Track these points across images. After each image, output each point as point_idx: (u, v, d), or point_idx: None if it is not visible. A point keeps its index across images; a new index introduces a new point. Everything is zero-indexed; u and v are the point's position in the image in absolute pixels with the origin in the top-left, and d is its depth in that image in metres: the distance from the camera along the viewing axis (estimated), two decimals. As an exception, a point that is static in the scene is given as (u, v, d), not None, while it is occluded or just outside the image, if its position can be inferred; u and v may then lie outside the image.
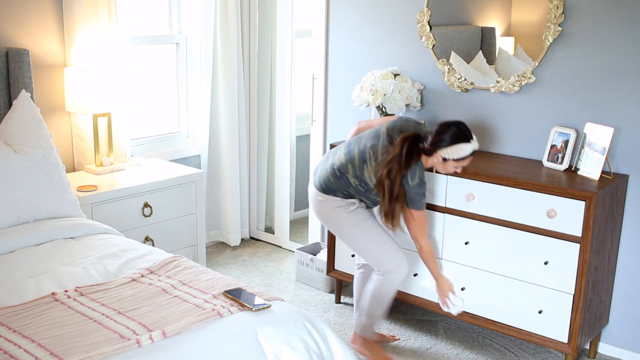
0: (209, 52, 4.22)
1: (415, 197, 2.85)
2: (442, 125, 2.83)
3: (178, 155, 4.28)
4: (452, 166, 2.86)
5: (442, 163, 2.85)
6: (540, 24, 3.21)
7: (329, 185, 3.00)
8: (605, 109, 3.10)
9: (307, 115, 4.60)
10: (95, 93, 3.47)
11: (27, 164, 2.93)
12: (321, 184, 3.03)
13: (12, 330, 2.09)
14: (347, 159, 2.96)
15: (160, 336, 2.06)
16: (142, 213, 3.57)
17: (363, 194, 2.98)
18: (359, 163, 2.93)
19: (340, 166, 2.97)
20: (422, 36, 3.59)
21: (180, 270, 2.57)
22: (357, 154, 2.95)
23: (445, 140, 2.79)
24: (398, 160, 2.80)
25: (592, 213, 2.80)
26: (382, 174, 2.83)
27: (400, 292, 3.44)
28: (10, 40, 3.40)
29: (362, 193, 2.97)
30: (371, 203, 3.03)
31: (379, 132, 2.96)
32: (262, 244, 4.68)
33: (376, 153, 2.90)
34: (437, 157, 2.83)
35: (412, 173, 2.82)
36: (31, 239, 2.79)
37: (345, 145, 3.04)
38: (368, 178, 2.92)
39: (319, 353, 2.23)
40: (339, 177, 2.97)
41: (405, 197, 2.84)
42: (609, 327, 3.28)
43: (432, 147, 2.82)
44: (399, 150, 2.81)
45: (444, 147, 2.80)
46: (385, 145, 2.90)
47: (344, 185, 2.97)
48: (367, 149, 2.93)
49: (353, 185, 2.96)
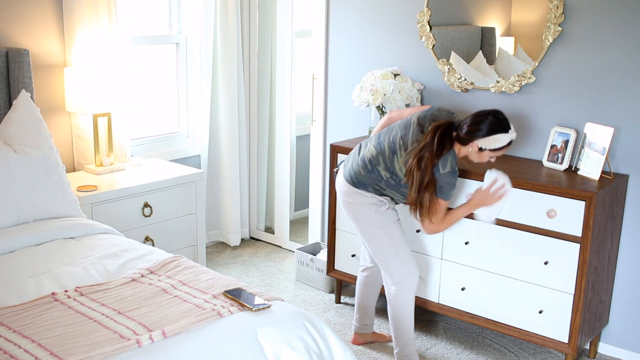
0: (209, 52, 4.22)
1: (445, 187, 2.78)
2: (478, 114, 2.75)
3: (178, 155, 4.28)
4: (488, 156, 2.79)
5: (477, 153, 2.78)
6: (540, 24, 3.21)
7: (360, 178, 2.93)
8: (605, 109, 3.10)
9: (307, 115, 4.60)
10: (95, 93, 3.47)
11: (27, 164, 2.93)
12: (352, 177, 2.96)
13: (12, 330, 2.09)
14: (378, 150, 2.89)
15: (160, 336, 2.06)
16: (142, 213, 3.57)
17: (394, 187, 2.90)
18: (389, 154, 2.86)
19: (371, 158, 2.90)
20: (422, 36, 3.59)
21: (180, 270, 2.57)
22: (387, 145, 2.88)
23: (482, 129, 2.71)
24: (430, 149, 2.72)
25: (592, 213, 2.80)
26: (413, 163, 2.75)
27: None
28: (10, 40, 3.40)
29: (393, 186, 2.90)
30: (402, 197, 2.95)
31: (409, 122, 2.89)
32: (262, 244, 4.68)
33: (406, 143, 2.83)
34: (473, 146, 2.75)
35: (444, 161, 2.74)
36: (31, 239, 2.79)
37: (376, 137, 2.97)
38: (399, 170, 2.85)
39: (319, 353, 2.23)
40: (370, 170, 2.90)
41: (435, 187, 2.77)
42: (609, 327, 3.28)
43: (468, 136, 2.73)
44: (430, 138, 2.74)
45: (481, 136, 2.72)
46: (416, 135, 2.82)
47: (375, 178, 2.90)
48: (397, 139, 2.86)
49: (384, 178, 2.89)
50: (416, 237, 3.32)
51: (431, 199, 2.79)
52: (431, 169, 2.73)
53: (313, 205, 4.30)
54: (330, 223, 3.67)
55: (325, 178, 4.20)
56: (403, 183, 2.86)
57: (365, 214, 2.95)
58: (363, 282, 3.28)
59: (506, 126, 2.74)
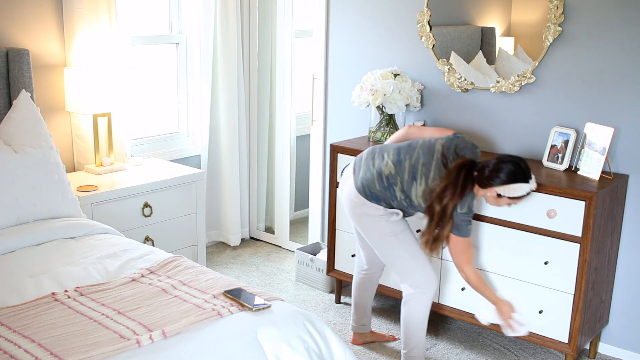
0: (209, 52, 4.22)
1: (461, 224, 2.75)
2: (500, 160, 2.71)
3: (178, 155, 4.28)
4: (505, 202, 2.74)
5: (495, 198, 2.74)
6: (540, 24, 3.21)
7: (373, 191, 2.87)
8: (605, 109, 3.10)
9: (307, 115, 4.60)
10: (95, 93, 3.47)
11: (27, 164, 2.93)
12: (364, 188, 2.89)
13: (12, 330, 2.09)
14: (397, 170, 2.83)
15: (160, 336, 2.06)
16: (142, 213, 3.57)
17: (405, 208, 2.89)
18: (408, 178, 2.82)
19: (389, 176, 2.84)
20: (422, 36, 3.59)
21: (180, 270, 2.57)
22: (407, 167, 2.82)
23: (503, 177, 2.67)
24: (452, 190, 2.68)
25: (592, 213, 2.80)
26: (435, 200, 2.71)
27: (400, 292, 3.44)
28: (10, 40, 3.40)
29: (405, 207, 2.88)
30: (408, 215, 2.95)
31: (433, 148, 2.82)
32: (262, 244, 4.68)
33: (428, 172, 2.79)
34: (492, 192, 2.71)
35: (463, 202, 2.71)
36: (31, 239, 2.79)
37: (395, 152, 2.88)
38: (414, 196, 2.82)
39: (319, 353, 2.23)
40: (387, 188, 2.85)
41: (452, 225, 2.74)
42: (609, 327, 3.28)
43: (488, 181, 2.69)
44: (454, 177, 2.69)
45: (500, 184, 2.68)
46: (439, 167, 2.77)
47: (389, 196, 2.86)
48: (419, 165, 2.81)
49: (398, 199, 2.85)
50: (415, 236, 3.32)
51: (445, 236, 2.76)
52: (452, 210, 2.70)
53: (313, 205, 4.30)
54: (330, 223, 3.67)
55: (325, 178, 4.20)
56: (416, 205, 2.83)
57: (377, 225, 2.91)
58: (359, 282, 3.28)
59: (527, 176, 2.69)
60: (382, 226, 2.90)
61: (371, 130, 3.67)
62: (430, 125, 3.69)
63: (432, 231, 2.76)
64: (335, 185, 3.60)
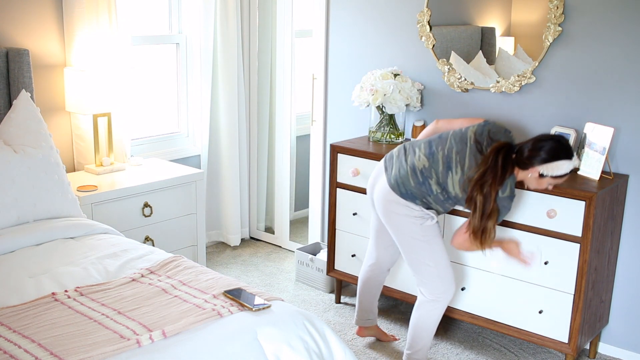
0: (209, 52, 4.22)
1: (502, 210, 2.67)
2: (540, 139, 2.64)
3: (178, 155, 4.28)
4: (547, 182, 2.66)
5: (537, 179, 2.65)
6: (540, 24, 3.21)
7: (409, 188, 2.79)
8: (605, 109, 3.10)
9: (307, 115, 4.60)
10: (95, 93, 3.47)
11: (27, 164, 2.93)
12: (399, 185, 2.81)
13: (12, 330, 2.09)
14: (431, 162, 2.76)
15: (160, 336, 2.06)
16: (142, 213, 3.57)
17: (441, 203, 2.81)
18: (443, 169, 2.74)
19: (423, 170, 2.77)
20: (422, 36, 3.59)
21: (180, 270, 2.57)
22: (441, 158, 2.75)
23: (544, 155, 2.59)
24: (493, 174, 2.59)
25: (592, 213, 2.80)
26: (475, 188, 2.63)
27: (401, 292, 3.45)
28: (10, 40, 3.40)
29: (441, 202, 2.80)
30: (443, 211, 2.88)
31: (465, 136, 2.75)
32: (262, 244, 4.68)
33: (463, 160, 2.71)
34: (534, 172, 2.63)
35: (504, 185, 2.63)
36: (31, 239, 2.79)
37: (426, 145, 2.82)
38: (451, 186, 2.74)
39: (319, 353, 2.23)
40: (422, 182, 2.77)
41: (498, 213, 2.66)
42: (609, 327, 3.28)
43: (529, 160, 2.61)
44: (492, 162, 2.61)
45: (542, 162, 2.59)
46: (474, 154, 2.70)
47: (424, 191, 2.78)
48: (452, 154, 2.73)
49: (434, 192, 2.77)
50: (416, 237, 3.32)
51: (493, 228, 2.67)
52: (495, 196, 2.61)
53: (313, 205, 4.30)
54: (330, 223, 3.67)
55: (325, 178, 4.20)
56: (453, 196, 2.76)
57: (410, 227, 2.84)
58: (365, 280, 3.24)
59: (570, 152, 2.61)
60: (415, 230, 2.84)
61: (371, 130, 3.67)
62: (430, 125, 3.69)
63: (477, 222, 2.66)
64: (335, 185, 3.60)
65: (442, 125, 2.97)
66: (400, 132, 3.65)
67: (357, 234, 3.56)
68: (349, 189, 3.55)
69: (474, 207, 2.66)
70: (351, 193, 3.54)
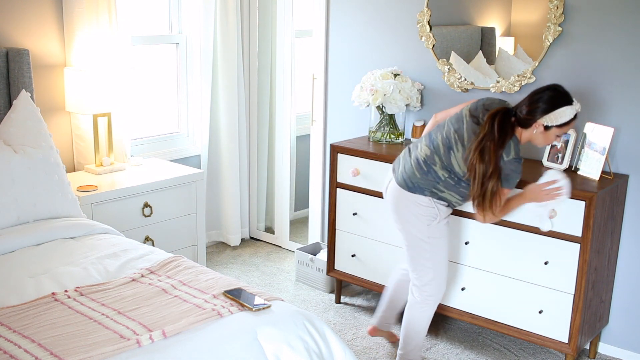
0: (209, 52, 4.22)
1: (511, 174, 2.61)
2: (536, 92, 2.61)
3: (178, 155, 4.28)
4: (554, 135, 2.63)
5: (543, 133, 2.61)
6: (540, 24, 3.21)
7: (415, 181, 2.78)
8: (605, 109, 3.10)
9: (307, 115, 4.60)
10: (95, 93, 3.47)
11: (27, 164, 2.93)
12: (405, 181, 2.81)
13: (12, 330, 2.09)
14: (431, 149, 2.74)
15: (160, 336, 2.06)
16: (142, 213, 3.57)
17: (453, 188, 2.75)
18: (444, 151, 2.71)
19: (425, 158, 2.75)
20: (422, 36, 3.59)
21: (180, 270, 2.57)
22: (440, 142, 2.73)
23: (543, 105, 2.55)
24: (491, 138, 2.55)
25: (592, 213, 2.80)
26: (474, 156, 2.58)
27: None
28: (10, 40, 3.40)
29: (452, 186, 2.75)
30: (461, 199, 2.81)
31: (461, 115, 2.74)
32: (262, 244, 4.68)
33: (462, 136, 2.68)
34: (538, 126, 2.59)
35: (507, 148, 2.58)
36: (31, 239, 2.79)
37: (426, 137, 2.83)
38: (457, 166, 2.70)
39: (319, 353, 2.23)
40: (427, 172, 2.75)
41: (499, 175, 2.60)
42: (609, 327, 3.28)
43: (530, 115, 2.56)
44: (489, 127, 2.57)
45: (543, 113, 2.56)
46: (472, 127, 2.66)
47: (432, 180, 2.75)
48: (450, 133, 2.71)
49: (442, 178, 2.74)
50: (416, 237, 3.32)
51: (496, 189, 2.61)
52: (495, 159, 2.56)
53: (313, 205, 4.30)
54: (330, 223, 3.67)
55: (325, 178, 4.20)
56: (465, 179, 2.71)
57: (417, 225, 2.83)
58: (398, 281, 3.17)
59: (569, 98, 2.59)
60: (422, 229, 2.82)
61: (371, 130, 3.67)
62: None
63: (477, 188, 2.61)
64: (335, 185, 3.60)
65: (441, 116, 2.96)
66: (400, 132, 3.65)
67: (357, 234, 3.56)
68: (349, 189, 3.55)
69: (474, 175, 2.62)
70: (351, 193, 3.54)
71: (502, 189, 2.66)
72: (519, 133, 2.66)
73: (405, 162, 2.85)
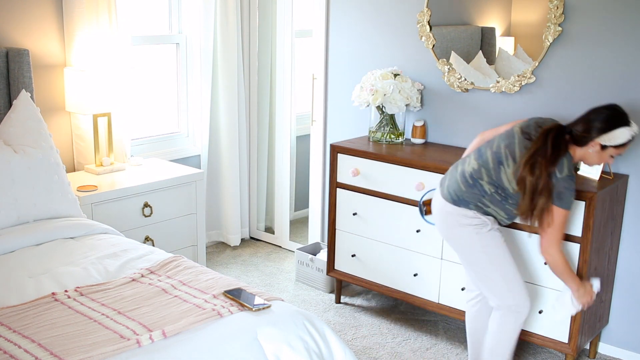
0: (209, 52, 4.22)
1: (565, 192, 2.52)
2: (593, 110, 2.57)
3: (178, 155, 4.28)
4: (609, 154, 2.57)
5: (598, 152, 2.55)
6: (540, 24, 3.21)
7: (461, 195, 2.70)
8: (605, 109, 3.10)
9: (307, 115, 4.60)
10: (95, 93, 3.47)
11: (27, 164, 2.93)
12: (451, 194, 2.73)
13: (12, 330, 2.09)
14: (480, 163, 2.67)
15: (160, 336, 2.06)
16: (142, 213, 3.57)
17: (499, 204, 2.68)
18: (493, 165, 2.64)
19: (472, 172, 2.68)
20: (422, 36, 3.59)
21: (180, 270, 2.57)
22: (490, 156, 2.66)
23: (600, 125, 2.51)
24: (543, 153, 2.50)
25: (592, 213, 2.80)
26: (525, 170, 2.52)
27: (400, 292, 3.45)
28: (10, 40, 3.40)
29: (498, 202, 2.67)
30: (506, 217, 2.73)
31: (511, 132, 2.67)
32: (262, 244, 4.68)
33: (513, 152, 2.61)
34: (594, 145, 2.53)
35: (560, 166, 2.51)
36: (31, 239, 2.79)
37: (475, 152, 2.76)
38: (506, 181, 2.62)
39: (319, 353, 2.23)
40: (472, 185, 2.68)
41: (551, 192, 2.52)
42: (609, 327, 3.28)
43: (587, 134, 2.51)
44: (541, 142, 2.52)
45: (600, 132, 2.51)
46: (523, 142, 2.59)
47: (478, 194, 2.67)
48: (501, 149, 2.64)
49: (488, 193, 2.66)
50: (415, 236, 3.32)
51: (546, 205, 2.53)
52: (547, 175, 2.50)
53: (313, 205, 4.30)
54: (330, 223, 3.67)
55: (325, 178, 4.20)
56: (513, 194, 2.63)
57: (467, 238, 2.72)
58: (474, 317, 2.96)
59: (626, 120, 2.54)
60: (473, 239, 2.72)
61: (371, 130, 3.67)
62: (431, 124, 3.69)
63: (527, 202, 2.54)
64: (335, 185, 3.60)
65: (488, 134, 2.90)
66: (400, 132, 3.65)
67: (357, 234, 3.56)
68: (349, 189, 3.55)
69: (523, 189, 2.55)
70: (351, 193, 3.54)
71: (557, 208, 2.56)
72: (572, 151, 2.59)
73: (452, 177, 2.78)
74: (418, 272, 3.35)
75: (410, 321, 3.58)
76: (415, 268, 3.36)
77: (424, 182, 3.24)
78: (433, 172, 3.20)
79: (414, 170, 3.27)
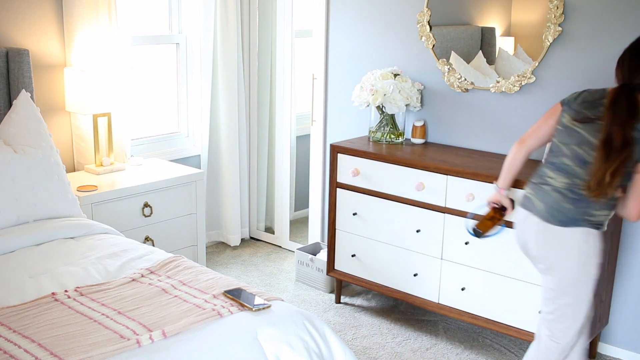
0: (209, 52, 4.22)
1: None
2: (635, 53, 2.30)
3: (178, 155, 4.28)
4: None
5: None
6: (540, 24, 3.21)
7: (568, 213, 2.40)
8: (605, 109, 3.10)
9: (307, 115, 4.60)
10: (95, 93, 3.47)
11: (27, 164, 2.93)
12: (555, 217, 2.42)
13: (12, 330, 2.09)
14: (566, 175, 2.40)
15: (160, 336, 2.06)
16: (142, 213, 3.57)
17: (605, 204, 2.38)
18: (580, 169, 2.37)
19: (567, 186, 2.40)
20: (422, 36, 3.59)
21: (180, 270, 2.57)
22: (571, 164, 2.39)
23: None
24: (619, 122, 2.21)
25: (592, 213, 2.79)
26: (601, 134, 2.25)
27: (400, 292, 3.45)
28: (10, 40, 3.40)
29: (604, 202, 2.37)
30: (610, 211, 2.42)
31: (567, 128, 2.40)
32: (262, 244, 4.68)
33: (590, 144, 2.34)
34: None
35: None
36: (31, 239, 2.79)
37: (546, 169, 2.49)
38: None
39: (319, 353, 2.23)
40: (576, 199, 2.38)
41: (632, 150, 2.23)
42: (609, 327, 3.28)
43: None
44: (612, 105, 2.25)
45: None
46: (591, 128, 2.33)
47: (583, 206, 2.37)
48: (574, 149, 2.38)
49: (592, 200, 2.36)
50: (415, 236, 3.32)
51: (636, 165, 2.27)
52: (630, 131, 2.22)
53: (313, 205, 4.30)
54: (330, 223, 3.67)
55: (325, 178, 4.20)
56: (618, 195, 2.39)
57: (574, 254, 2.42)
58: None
59: None
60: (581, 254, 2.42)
61: (371, 130, 3.68)
62: (432, 124, 3.69)
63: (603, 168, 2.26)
64: (335, 185, 3.60)
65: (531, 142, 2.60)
66: (400, 132, 3.65)
67: (357, 234, 3.56)
68: (349, 189, 3.55)
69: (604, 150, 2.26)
70: (351, 193, 3.54)
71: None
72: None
73: (543, 197, 2.47)
74: (418, 272, 3.35)
75: (410, 321, 3.58)
76: (415, 268, 3.36)
77: (424, 182, 3.24)
78: (433, 172, 3.20)
79: (414, 170, 3.28)
